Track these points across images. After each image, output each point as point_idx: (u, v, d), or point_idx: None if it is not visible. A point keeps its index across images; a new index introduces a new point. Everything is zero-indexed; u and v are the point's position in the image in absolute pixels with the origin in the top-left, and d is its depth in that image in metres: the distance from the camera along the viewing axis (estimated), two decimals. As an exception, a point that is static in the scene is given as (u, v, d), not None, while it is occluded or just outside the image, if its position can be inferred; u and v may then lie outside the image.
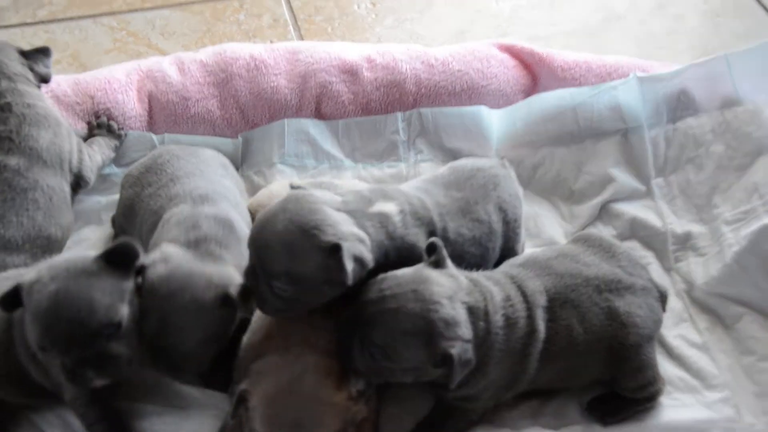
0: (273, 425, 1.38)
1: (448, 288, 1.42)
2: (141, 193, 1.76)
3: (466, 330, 1.40)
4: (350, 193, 1.55)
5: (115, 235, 1.93)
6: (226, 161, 1.98)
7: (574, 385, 1.67)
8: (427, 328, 1.36)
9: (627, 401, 1.65)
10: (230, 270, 1.52)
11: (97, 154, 1.98)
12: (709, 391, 1.72)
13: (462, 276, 1.49)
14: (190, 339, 1.44)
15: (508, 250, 1.75)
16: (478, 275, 1.55)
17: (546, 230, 2.04)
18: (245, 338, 1.60)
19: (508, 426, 1.64)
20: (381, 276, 1.42)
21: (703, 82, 2.13)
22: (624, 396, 1.64)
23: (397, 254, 1.50)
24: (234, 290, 1.47)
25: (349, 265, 1.35)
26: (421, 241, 1.54)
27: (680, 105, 2.14)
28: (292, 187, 1.51)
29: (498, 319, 1.47)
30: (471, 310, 1.43)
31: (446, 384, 1.39)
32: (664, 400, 1.68)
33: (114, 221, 1.94)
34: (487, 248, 1.68)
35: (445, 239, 1.57)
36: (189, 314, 1.43)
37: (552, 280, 1.59)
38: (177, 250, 1.51)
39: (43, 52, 1.98)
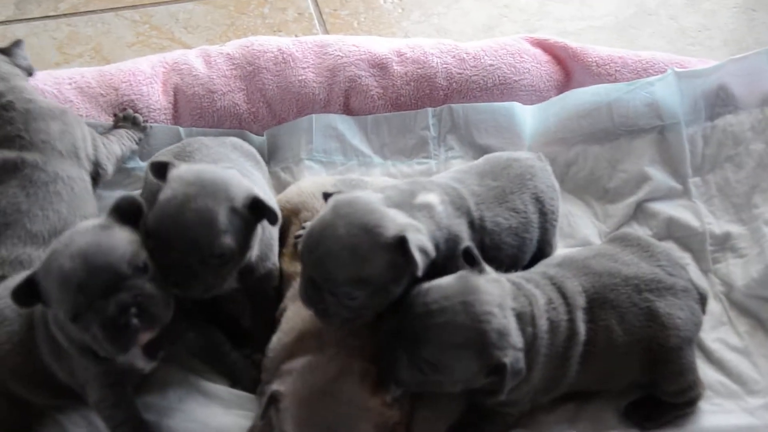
0: (305, 427, 1.34)
1: (497, 296, 1.37)
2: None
3: (517, 338, 1.36)
4: (390, 188, 1.52)
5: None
6: (254, 151, 1.94)
7: (612, 388, 1.63)
8: (480, 340, 1.31)
9: (666, 406, 1.60)
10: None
11: (114, 143, 1.94)
12: (750, 397, 1.67)
13: (504, 280, 1.44)
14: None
15: (545, 243, 1.71)
16: (518, 277, 1.51)
17: (580, 230, 1.99)
18: (275, 338, 1.56)
19: (545, 431, 1.60)
20: (424, 287, 1.36)
21: (743, 78, 2.08)
22: (663, 400, 1.60)
23: (446, 246, 1.46)
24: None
25: (418, 255, 1.32)
26: (464, 231, 1.51)
27: (719, 102, 2.09)
28: (326, 195, 1.47)
29: (543, 324, 1.43)
30: (519, 317, 1.39)
31: (496, 392, 1.34)
32: (704, 405, 1.64)
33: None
34: (524, 239, 1.64)
35: (482, 229, 1.55)
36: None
37: (590, 279, 1.54)
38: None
39: (17, 46, 1.95)
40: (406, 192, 1.49)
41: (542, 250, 1.70)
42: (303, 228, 1.65)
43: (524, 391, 1.47)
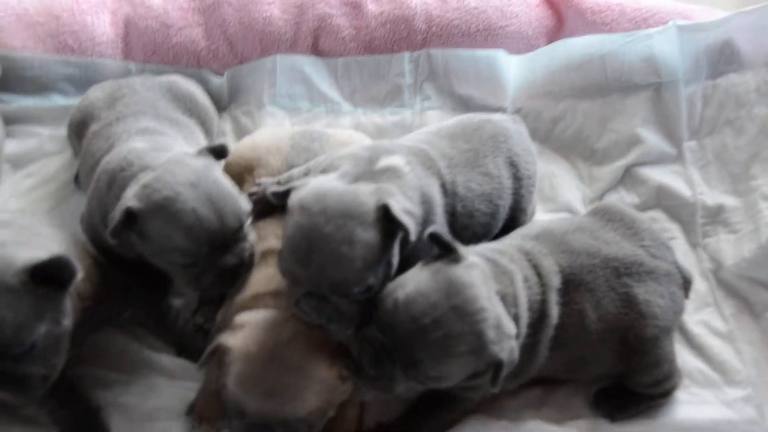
0: (246, 386, 1.24)
1: (482, 286, 1.23)
2: (89, 125, 1.59)
3: (509, 326, 1.23)
4: (344, 160, 1.37)
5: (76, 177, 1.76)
6: (191, 93, 1.74)
7: (582, 378, 1.52)
8: (479, 342, 1.19)
9: (638, 396, 1.50)
10: None
11: None
12: (730, 388, 1.56)
13: (480, 261, 1.29)
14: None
15: (519, 211, 1.58)
16: (492, 251, 1.37)
17: (562, 193, 1.84)
18: (230, 296, 1.44)
19: (507, 417, 1.49)
20: (401, 296, 1.20)
21: (751, 34, 1.89)
22: (636, 390, 1.48)
23: (421, 210, 1.34)
24: None
25: (406, 218, 1.23)
26: (436, 193, 1.39)
27: (723, 58, 1.91)
28: (277, 195, 1.31)
29: (524, 302, 1.31)
30: (503, 299, 1.27)
31: (492, 385, 1.22)
32: (680, 394, 1.53)
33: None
34: (497, 206, 1.51)
35: (454, 194, 1.44)
36: None
37: (567, 258, 1.41)
38: None
39: None
40: (363, 159, 1.36)
41: (515, 219, 1.57)
42: (257, 185, 1.51)
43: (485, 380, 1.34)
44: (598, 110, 1.92)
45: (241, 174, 1.58)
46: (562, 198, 1.83)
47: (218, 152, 1.40)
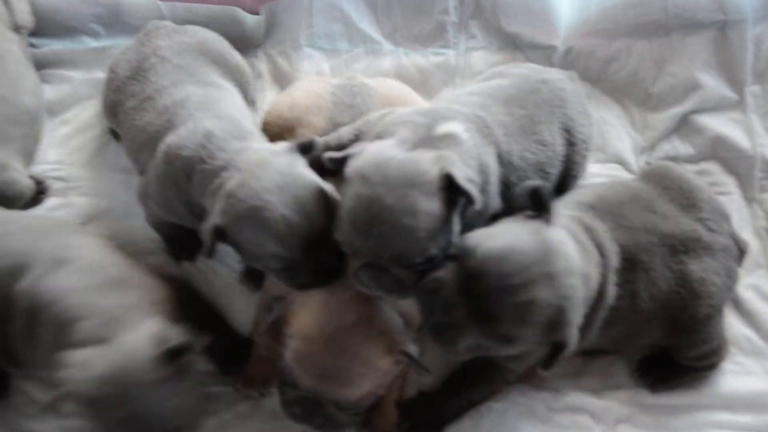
0: (304, 365, 1.26)
1: (576, 260, 1.18)
2: (125, 102, 1.52)
3: (581, 312, 1.19)
4: (400, 125, 1.30)
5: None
6: (225, 53, 1.63)
7: (626, 350, 1.50)
8: (558, 318, 1.14)
9: (683, 367, 1.48)
10: None
11: None
12: (777, 357, 1.53)
13: (566, 234, 1.23)
14: None
15: (570, 178, 1.51)
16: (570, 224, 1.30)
17: (612, 143, 1.76)
18: None
19: (549, 388, 1.50)
20: (495, 251, 1.13)
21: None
22: (680, 362, 1.47)
23: (480, 178, 1.28)
24: None
25: (470, 187, 1.18)
26: (492, 162, 1.33)
27: (797, -6, 1.75)
28: (335, 161, 1.26)
29: (594, 285, 1.26)
30: (585, 281, 1.21)
31: (544, 366, 1.19)
32: (725, 364, 1.51)
33: None
34: (548, 175, 1.45)
35: (509, 164, 1.37)
36: None
37: (625, 234, 1.35)
38: None
39: None
40: (421, 126, 1.29)
41: (566, 185, 1.51)
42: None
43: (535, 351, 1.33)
44: (656, 50, 1.79)
45: (280, 134, 1.53)
46: (612, 148, 1.75)
47: (305, 148, 1.33)
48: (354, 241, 1.20)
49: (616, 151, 1.75)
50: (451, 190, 1.17)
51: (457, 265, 1.16)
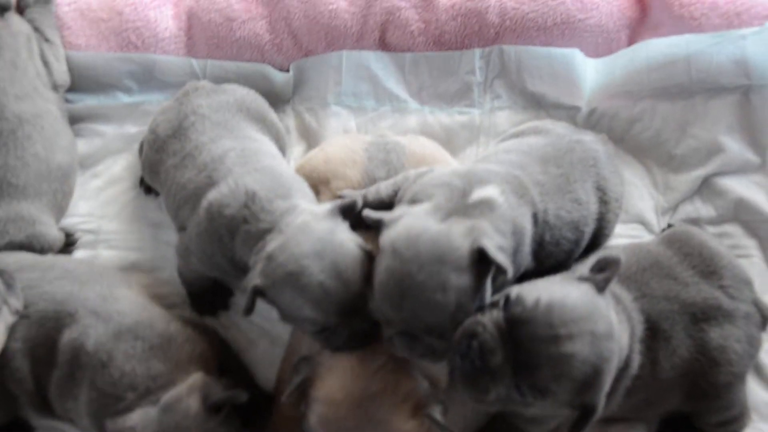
0: (328, 429, 1.29)
1: (617, 328, 1.21)
2: (166, 161, 1.57)
3: (612, 376, 1.21)
4: (437, 188, 1.34)
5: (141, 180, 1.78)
6: (263, 109, 1.69)
7: (646, 417, 1.50)
8: (594, 379, 1.15)
9: (703, 432, 1.48)
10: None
11: (57, 46, 1.80)
12: (798, 424, 1.53)
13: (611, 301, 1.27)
14: None
15: (602, 237, 1.54)
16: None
17: (634, 203, 1.77)
18: None
19: (566, 454, 1.50)
20: (546, 300, 1.16)
21: None
22: (699, 428, 1.47)
23: (513, 240, 1.31)
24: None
25: (501, 258, 1.20)
26: (528, 224, 1.35)
27: (820, 59, 1.77)
28: (371, 220, 1.33)
29: (623, 357, 1.27)
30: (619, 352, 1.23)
31: (573, 427, 1.20)
32: (746, 431, 1.51)
33: (141, 150, 1.74)
34: (583, 233, 1.48)
35: (545, 223, 1.40)
36: None
37: (648, 304, 1.37)
38: None
39: None
40: (457, 190, 1.32)
41: (597, 244, 1.54)
42: (341, 197, 1.50)
43: (558, 413, 1.35)
44: (679, 113, 1.81)
45: (315, 186, 1.57)
46: (634, 208, 1.77)
47: (346, 210, 1.37)
48: (387, 312, 1.23)
49: (638, 211, 1.77)
50: (482, 261, 1.20)
51: (501, 312, 1.18)
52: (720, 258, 1.45)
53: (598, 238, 1.52)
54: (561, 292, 1.18)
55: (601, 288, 1.21)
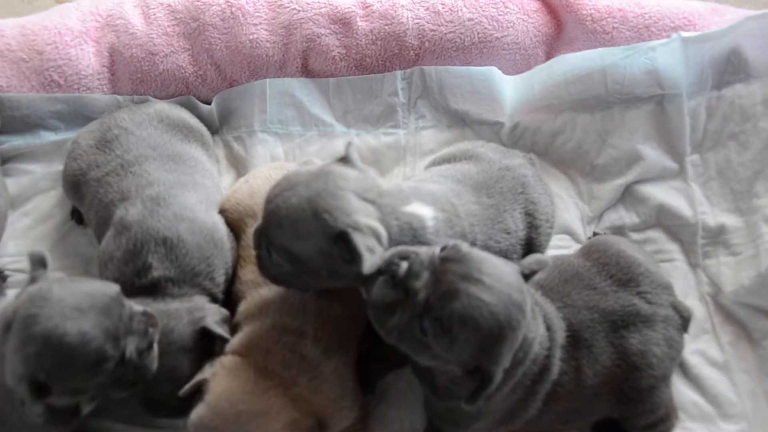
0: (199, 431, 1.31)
1: (529, 315, 1.23)
2: (87, 173, 1.59)
3: (509, 357, 1.22)
4: (393, 186, 1.37)
5: (72, 212, 1.79)
6: (186, 120, 1.74)
7: (577, 427, 1.53)
8: (495, 340, 1.17)
9: (633, 435, 1.51)
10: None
11: None
12: (724, 422, 1.57)
13: None
14: None
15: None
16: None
17: (560, 214, 1.80)
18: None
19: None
20: (478, 254, 1.20)
21: (760, 41, 1.79)
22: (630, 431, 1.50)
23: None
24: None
25: (364, 251, 1.21)
26: None
27: (729, 68, 1.82)
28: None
29: (533, 352, 1.31)
30: (523, 339, 1.25)
31: (468, 400, 1.21)
32: (674, 431, 1.54)
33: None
34: (511, 261, 1.48)
35: None
36: None
37: (570, 313, 1.41)
38: None
39: None
40: (402, 194, 1.35)
41: None
42: None
43: (477, 411, 1.35)
44: (599, 124, 1.85)
45: (240, 220, 1.59)
46: (561, 219, 1.80)
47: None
48: (264, 202, 1.35)
49: (564, 222, 1.80)
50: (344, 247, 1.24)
51: (434, 252, 1.21)
52: (637, 265, 1.49)
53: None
54: (494, 258, 1.23)
55: (526, 276, 1.26)
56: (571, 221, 1.81)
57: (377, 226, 1.26)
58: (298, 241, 1.26)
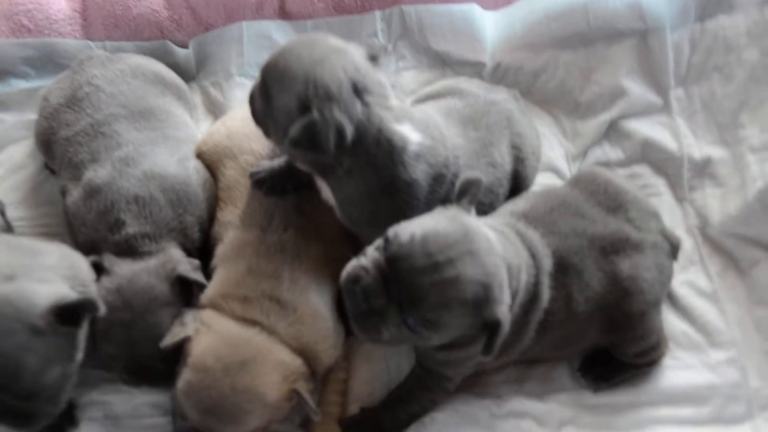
0: (192, 397, 1.28)
1: (495, 243, 1.20)
2: (57, 131, 1.54)
3: (507, 294, 1.19)
4: (397, 102, 1.32)
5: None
6: (162, 72, 1.68)
7: (568, 355, 1.51)
8: (485, 295, 1.14)
9: (624, 364, 1.50)
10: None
11: None
12: (714, 350, 1.56)
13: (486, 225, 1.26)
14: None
15: (519, 193, 1.54)
16: (495, 224, 1.33)
17: (545, 153, 1.77)
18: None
19: (491, 394, 1.51)
20: (420, 233, 1.14)
21: (742, -30, 1.78)
22: (619, 359, 1.48)
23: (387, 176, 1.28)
24: None
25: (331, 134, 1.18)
26: (422, 181, 1.31)
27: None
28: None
29: (524, 279, 1.28)
30: (508, 269, 1.22)
31: (485, 351, 1.18)
32: (665, 359, 1.53)
33: None
34: (497, 195, 1.49)
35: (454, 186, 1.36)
36: None
37: (556, 240, 1.38)
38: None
39: None
40: (399, 111, 1.29)
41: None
42: (258, 171, 1.47)
43: (472, 351, 1.33)
44: (581, 61, 1.83)
45: (219, 161, 1.57)
46: (545, 157, 1.77)
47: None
48: None
49: (549, 160, 1.78)
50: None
51: (381, 253, 1.17)
52: (625, 193, 1.47)
53: (515, 195, 1.52)
54: (432, 223, 1.17)
55: (467, 209, 1.22)
56: (555, 159, 1.79)
57: (346, 125, 1.20)
58: (278, 86, 1.23)
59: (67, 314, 1.20)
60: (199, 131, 1.75)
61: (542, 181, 1.73)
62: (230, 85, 1.84)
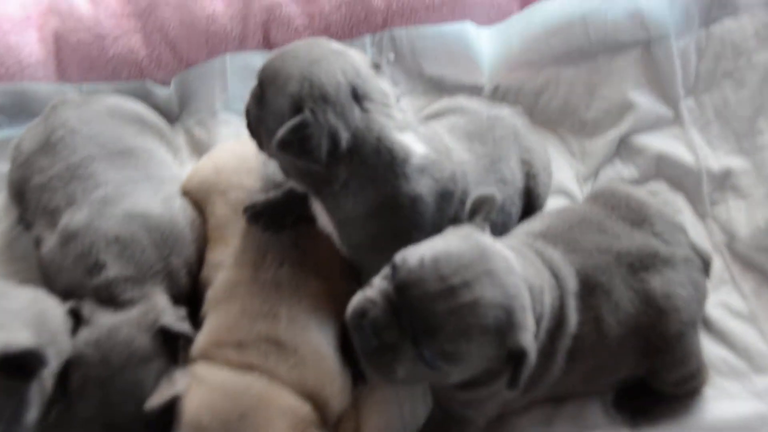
0: None
1: (514, 262, 1.08)
2: (30, 179, 1.44)
3: (531, 319, 1.07)
4: (402, 113, 1.22)
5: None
6: (142, 111, 1.60)
7: (600, 389, 1.37)
8: (508, 320, 1.01)
9: (662, 396, 1.36)
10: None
11: None
12: (758, 376, 1.42)
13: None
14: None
15: (532, 213, 1.43)
16: (511, 244, 1.21)
17: (554, 175, 1.66)
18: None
19: (517, 437, 1.35)
20: (430, 255, 1.02)
21: (744, -29, 1.71)
22: (656, 389, 1.34)
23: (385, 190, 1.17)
24: None
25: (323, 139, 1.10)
26: (426, 196, 1.20)
27: (715, 3, 1.74)
28: None
29: (548, 302, 1.15)
30: (530, 290, 1.09)
31: (510, 385, 1.05)
32: (705, 389, 1.39)
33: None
34: (510, 215, 1.38)
35: (464, 205, 1.25)
36: None
37: (580, 258, 1.26)
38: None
39: None
40: (404, 122, 1.20)
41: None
42: (252, 206, 1.36)
43: (495, 388, 1.19)
44: (585, 76, 1.75)
45: (207, 198, 1.46)
46: (554, 179, 1.65)
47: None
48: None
49: (559, 182, 1.67)
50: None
51: (388, 281, 1.04)
52: (648, 206, 1.36)
53: (528, 215, 1.41)
54: (444, 243, 1.05)
55: (482, 227, 1.10)
56: (565, 181, 1.69)
57: (341, 131, 1.11)
58: (272, 88, 1.16)
59: (11, 366, 1.06)
60: (183, 173, 1.64)
61: (553, 204, 1.63)
62: (215, 122, 1.74)
